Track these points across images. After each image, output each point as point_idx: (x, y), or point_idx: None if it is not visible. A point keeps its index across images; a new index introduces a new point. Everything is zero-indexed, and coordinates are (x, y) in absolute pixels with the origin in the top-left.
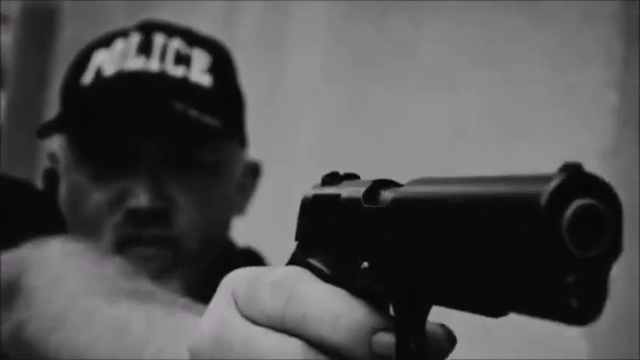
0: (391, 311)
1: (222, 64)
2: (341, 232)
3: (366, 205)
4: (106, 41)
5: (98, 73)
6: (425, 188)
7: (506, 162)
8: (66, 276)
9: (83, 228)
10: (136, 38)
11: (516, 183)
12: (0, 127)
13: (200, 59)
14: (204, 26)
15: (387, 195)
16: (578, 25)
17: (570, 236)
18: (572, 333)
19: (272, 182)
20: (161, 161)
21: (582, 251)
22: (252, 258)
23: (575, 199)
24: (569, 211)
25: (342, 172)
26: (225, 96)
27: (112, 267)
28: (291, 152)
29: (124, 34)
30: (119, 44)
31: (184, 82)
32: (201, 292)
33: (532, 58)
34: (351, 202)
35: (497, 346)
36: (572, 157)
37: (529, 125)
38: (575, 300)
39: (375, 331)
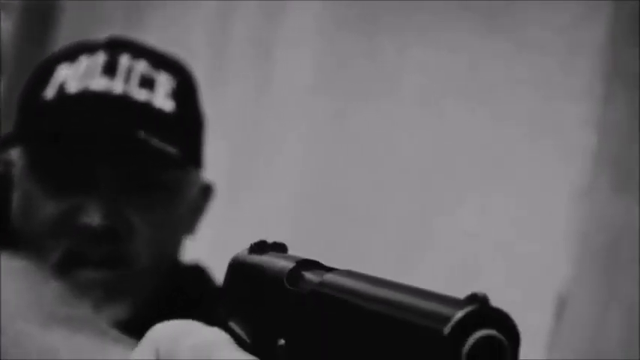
0: None
1: (185, 87)
2: (262, 305)
3: (287, 287)
4: (70, 56)
5: (61, 89)
6: (347, 284)
7: (483, 193)
8: (3, 297)
9: (32, 240)
10: (101, 57)
11: (431, 303)
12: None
13: (164, 83)
14: (194, 37)
15: (310, 279)
16: (561, 61)
17: None
18: None
19: (257, 193)
20: (117, 182)
21: None
22: (197, 274)
23: (477, 330)
24: (471, 340)
25: (269, 242)
26: (187, 121)
27: (52, 290)
28: (277, 162)
29: (89, 50)
30: (84, 61)
31: (147, 106)
32: (147, 310)
33: (515, 90)
34: (275, 279)
35: None
36: (547, 196)
37: (507, 159)
38: None
39: None
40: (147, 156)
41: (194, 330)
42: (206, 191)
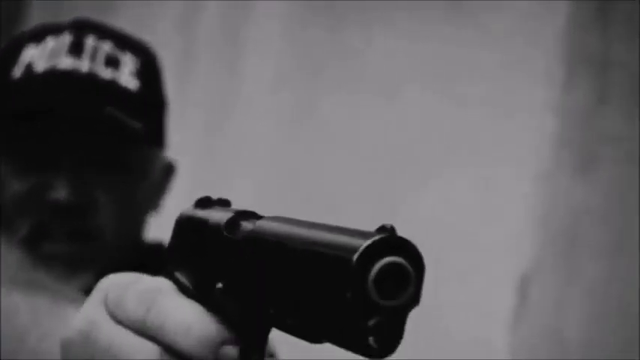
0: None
1: (150, 68)
2: (204, 253)
3: (225, 234)
4: (36, 37)
5: (28, 68)
6: (274, 227)
7: (446, 179)
8: None
9: (1, 216)
10: (67, 38)
11: (344, 236)
12: None
13: (129, 63)
14: (163, 27)
15: (245, 226)
16: (523, 46)
17: (376, 287)
18: (495, 351)
19: (224, 181)
20: (84, 159)
21: (385, 300)
22: (161, 252)
23: (384, 257)
24: (377, 266)
25: (215, 198)
26: (151, 100)
27: (14, 259)
28: (244, 150)
29: (55, 31)
30: (50, 42)
31: (113, 84)
32: None
33: (477, 77)
34: (215, 228)
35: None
36: (509, 180)
37: (469, 145)
38: (373, 339)
39: (222, 343)
40: (112, 132)
41: (140, 279)
42: (169, 170)
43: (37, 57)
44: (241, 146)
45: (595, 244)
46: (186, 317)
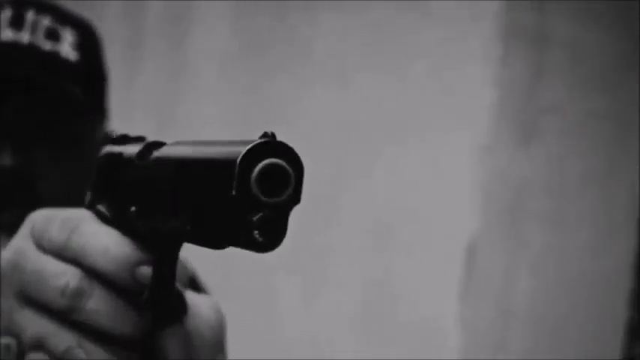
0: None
1: (90, 42)
2: (120, 183)
3: (136, 162)
4: None
5: None
6: (175, 149)
7: (391, 155)
8: None
9: None
10: (7, 12)
11: (231, 146)
12: None
13: (69, 36)
14: (111, 12)
15: (154, 154)
16: (461, 23)
17: (258, 185)
18: (447, 321)
19: None
20: (24, 128)
21: (267, 197)
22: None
23: (265, 158)
24: (259, 166)
25: (131, 135)
26: (92, 71)
27: None
28: (196, 129)
29: None
30: None
31: (54, 55)
32: None
33: (417, 55)
34: (129, 158)
35: (370, 334)
36: (451, 155)
37: (412, 123)
38: (258, 233)
39: (138, 264)
40: (55, 102)
41: (63, 211)
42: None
43: None
44: (191, 130)
45: (538, 215)
46: (104, 241)
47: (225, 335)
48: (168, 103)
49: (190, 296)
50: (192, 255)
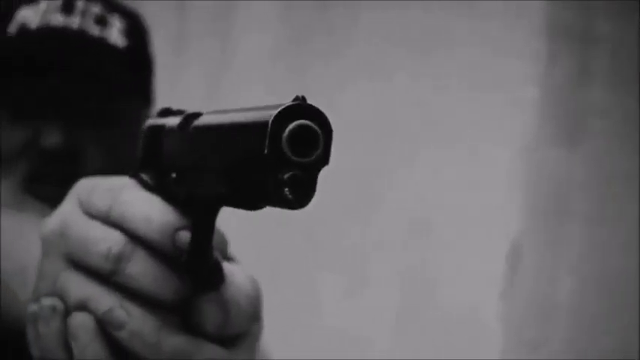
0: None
1: (137, 29)
2: (162, 152)
3: (177, 131)
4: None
5: (22, 26)
6: (212, 117)
7: (432, 152)
8: None
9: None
10: (58, 0)
11: (263, 110)
12: None
13: (117, 23)
14: (158, 5)
15: (194, 123)
16: (504, 21)
17: (289, 145)
18: (489, 317)
19: None
20: (74, 109)
21: (297, 157)
22: None
23: (296, 120)
24: (290, 126)
25: (174, 108)
26: (138, 58)
27: (5, 189)
28: None
29: None
30: (43, 3)
31: (102, 40)
32: None
33: (460, 51)
34: (171, 129)
35: (410, 332)
36: (494, 151)
37: (454, 118)
38: (289, 191)
39: (177, 229)
40: (102, 83)
41: (107, 179)
42: None
43: (31, 16)
44: None
45: (581, 214)
46: (145, 207)
47: (261, 305)
48: (212, 98)
49: (227, 265)
50: (237, 252)
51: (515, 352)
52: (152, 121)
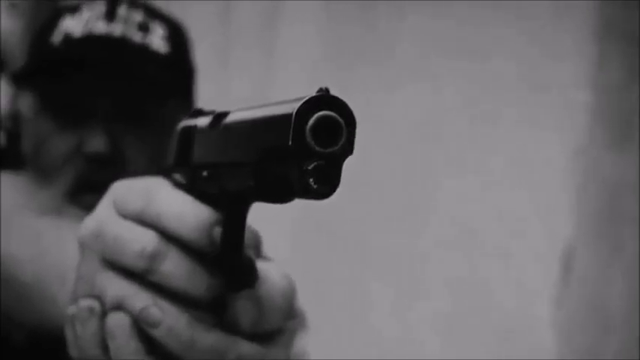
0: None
1: (178, 37)
2: (194, 151)
3: (207, 130)
4: (73, 9)
5: (67, 35)
6: (239, 114)
7: (483, 155)
8: (3, 198)
9: (45, 173)
10: (101, 7)
11: (287, 103)
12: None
13: (159, 30)
14: (202, 10)
15: (223, 121)
16: (553, 22)
17: (313, 136)
18: (540, 323)
19: None
20: (116, 114)
21: (321, 147)
22: None
23: (319, 111)
24: (313, 117)
25: (205, 109)
26: (180, 64)
27: (44, 194)
28: None
29: (90, 3)
30: (86, 11)
31: (144, 46)
32: None
33: (508, 54)
34: (201, 129)
35: (462, 339)
36: (544, 153)
37: (503, 121)
38: (313, 181)
39: (211, 226)
40: (144, 89)
41: (141, 180)
42: None
43: (74, 25)
44: None
45: (633, 217)
46: (179, 206)
47: (296, 302)
48: (256, 100)
49: (260, 263)
50: (287, 262)
51: None
52: (184, 122)
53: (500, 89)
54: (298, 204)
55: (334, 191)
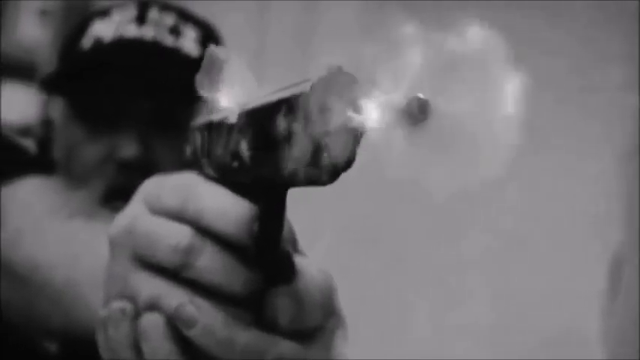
0: None
1: (211, 39)
2: (219, 146)
3: (229, 125)
4: (103, 13)
5: (97, 39)
6: (255, 100)
7: (528, 163)
8: (34, 203)
9: (76, 179)
10: (132, 11)
11: (304, 82)
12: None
13: (191, 33)
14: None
15: (244, 109)
16: (599, 26)
17: None
18: (588, 335)
19: None
20: (148, 119)
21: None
22: None
23: None
24: None
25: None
26: None
27: (76, 197)
28: None
29: (120, 7)
30: (116, 16)
31: (176, 50)
32: None
33: (554, 58)
34: (225, 120)
35: (505, 352)
36: (592, 158)
37: (550, 125)
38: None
39: (252, 220)
40: (176, 93)
41: (173, 176)
42: None
43: (105, 29)
44: None
45: None
46: (220, 201)
47: (337, 300)
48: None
49: (298, 258)
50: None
51: None
52: (206, 117)
53: (548, 93)
54: (338, 215)
55: (350, 166)
